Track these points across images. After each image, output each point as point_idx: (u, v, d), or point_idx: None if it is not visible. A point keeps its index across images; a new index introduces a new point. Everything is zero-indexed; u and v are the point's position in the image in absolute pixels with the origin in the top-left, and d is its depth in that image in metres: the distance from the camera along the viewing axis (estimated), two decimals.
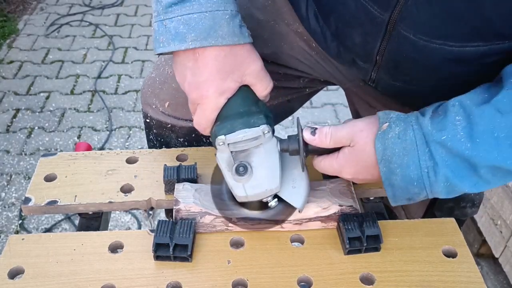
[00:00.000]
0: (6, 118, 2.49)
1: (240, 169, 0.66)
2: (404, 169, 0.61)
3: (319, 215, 0.73)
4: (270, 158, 0.67)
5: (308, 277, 0.67)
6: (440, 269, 0.68)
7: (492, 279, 1.74)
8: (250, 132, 0.66)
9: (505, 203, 1.57)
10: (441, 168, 0.59)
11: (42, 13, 3.44)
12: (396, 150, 0.61)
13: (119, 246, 0.71)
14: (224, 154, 0.68)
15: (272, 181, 0.67)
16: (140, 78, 2.83)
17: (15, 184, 2.12)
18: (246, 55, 0.68)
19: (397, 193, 0.64)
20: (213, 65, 0.65)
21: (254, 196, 0.68)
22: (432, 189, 0.61)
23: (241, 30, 0.67)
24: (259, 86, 0.69)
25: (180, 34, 0.64)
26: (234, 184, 0.67)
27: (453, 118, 0.59)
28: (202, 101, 0.67)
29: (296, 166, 0.71)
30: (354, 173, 0.67)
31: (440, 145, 0.59)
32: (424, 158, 0.60)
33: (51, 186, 0.80)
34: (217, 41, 0.64)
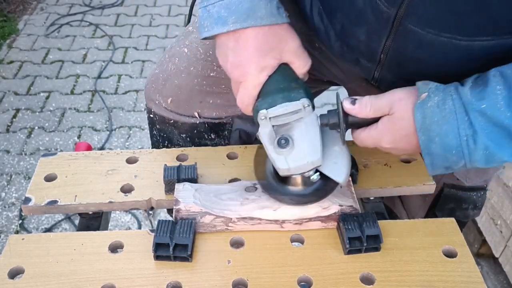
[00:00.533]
0: (6, 118, 2.49)
1: (282, 142, 0.67)
2: (443, 138, 0.62)
3: (319, 215, 0.73)
4: (311, 132, 0.68)
5: (308, 277, 0.67)
6: (440, 269, 0.68)
7: (492, 279, 1.74)
8: (290, 106, 0.68)
9: (505, 203, 1.57)
10: (481, 137, 0.60)
11: (42, 13, 3.44)
12: (435, 119, 0.62)
13: (119, 246, 0.71)
14: (266, 129, 0.69)
15: (313, 154, 0.68)
16: (140, 78, 2.83)
17: (15, 184, 2.12)
18: (284, 33, 0.71)
19: (435, 161, 0.65)
20: (253, 44, 0.68)
21: (296, 168, 0.68)
22: (471, 157, 0.62)
23: (279, 11, 0.70)
24: (297, 63, 0.71)
25: (222, 18, 0.68)
26: (276, 158, 0.68)
27: (494, 87, 0.60)
28: (244, 78, 0.70)
29: (337, 143, 0.72)
30: (393, 141, 0.68)
31: (479, 114, 0.60)
32: (463, 126, 0.61)
33: (51, 186, 0.80)
34: (256, 22, 0.68)
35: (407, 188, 0.82)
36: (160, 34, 3.24)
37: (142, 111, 2.57)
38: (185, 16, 3.46)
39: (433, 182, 0.82)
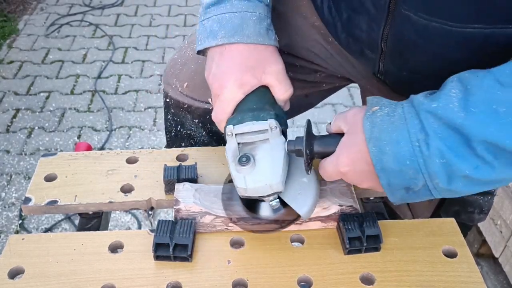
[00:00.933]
0: (6, 118, 2.49)
1: (243, 159, 0.66)
2: (394, 146, 0.57)
3: (319, 215, 0.73)
4: (275, 154, 0.67)
5: (308, 277, 0.67)
6: (440, 269, 0.68)
7: (492, 279, 1.74)
8: (257, 125, 0.67)
9: (505, 203, 1.57)
10: (433, 140, 0.55)
11: (42, 13, 3.43)
12: (384, 126, 0.59)
13: (119, 246, 0.71)
14: (232, 145, 0.69)
15: (273, 176, 0.65)
16: (140, 78, 2.83)
17: (15, 184, 2.12)
18: (269, 55, 0.72)
19: (391, 179, 0.60)
20: (236, 59, 0.70)
21: (253, 189, 0.66)
22: (428, 169, 0.56)
23: (268, 33, 0.72)
24: (278, 88, 0.71)
25: (213, 32, 0.71)
26: (236, 175, 0.67)
27: (449, 90, 0.56)
28: (222, 91, 0.70)
29: (306, 175, 0.70)
30: (350, 163, 0.63)
31: (430, 114, 0.56)
32: (414, 130, 0.56)
33: (51, 186, 0.80)
34: (242, 39, 0.70)
35: None
36: (160, 34, 3.24)
37: (142, 111, 2.57)
38: (185, 16, 3.47)
39: None
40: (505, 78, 0.53)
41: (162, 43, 3.15)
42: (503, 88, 0.53)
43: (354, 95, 2.69)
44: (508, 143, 0.52)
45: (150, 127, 2.47)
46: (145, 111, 2.57)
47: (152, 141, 2.39)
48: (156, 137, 2.41)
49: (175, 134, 1.02)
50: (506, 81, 0.53)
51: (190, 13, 3.49)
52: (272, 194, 0.66)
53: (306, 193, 0.69)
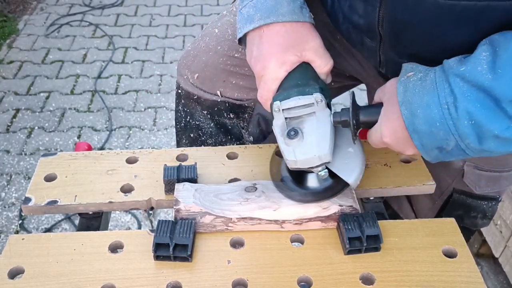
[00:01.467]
0: (6, 118, 2.49)
1: (291, 133, 0.68)
2: (424, 109, 0.60)
3: (319, 215, 0.73)
4: (321, 127, 0.69)
5: (308, 277, 0.67)
6: (440, 269, 0.68)
7: (492, 279, 1.74)
8: (303, 99, 0.69)
9: (505, 203, 1.57)
10: (461, 102, 0.57)
11: (42, 13, 3.44)
12: (416, 90, 0.61)
13: (119, 246, 0.71)
14: (279, 121, 0.71)
15: (321, 148, 0.68)
16: (140, 78, 2.83)
17: (15, 184, 2.12)
18: (306, 32, 0.73)
19: (424, 140, 0.62)
20: (275, 40, 0.71)
21: (303, 161, 0.68)
22: (458, 131, 0.58)
23: (302, 11, 0.73)
24: (318, 62, 0.73)
25: (250, 16, 0.73)
26: (285, 149, 0.69)
27: (479, 53, 0.58)
28: (265, 72, 0.71)
29: (352, 145, 0.72)
30: (392, 132, 0.65)
31: (459, 78, 0.57)
32: (443, 94, 0.58)
33: (51, 186, 0.80)
34: (278, 18, 0.71)
35: (407, 188, 0.82)
36: (160, 34, 3.24)
37: (142, 111, 2.57)
38: (185, 16, 3.47)
39: (433, 182, 0.82)
40: None
41: (162, 43, 3.15)
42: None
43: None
44: None
45: (150, 127, 2.47)
46: (145, 111, 2.57)
47: (152, 141, 2.39)
48: (156, 137, 2.41)
49: (185, 124, 1.04)
50: None
51: (190, 13, 3.49)
52: (321, 164, 0.69)
53: (352, 163, 0.72)
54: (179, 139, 1.09)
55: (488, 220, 0.98)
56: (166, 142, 2.38)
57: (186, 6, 3.60)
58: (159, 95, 2.69)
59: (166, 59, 2.99)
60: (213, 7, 3.58)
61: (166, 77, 2.83)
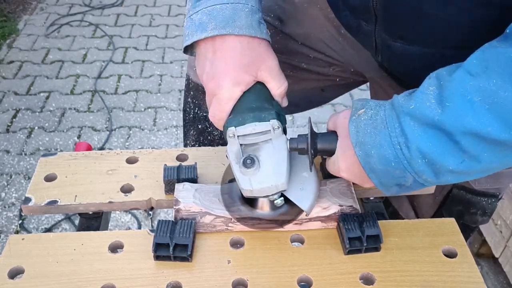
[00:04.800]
0: (6, 118, 2.49)
1: (248, 162, 0.66)
2: (378, 149, 0.59)
3: (319, 215, 0.73)
4: (278, 154, 0.67)
5: (308, 277, 0.67)
6: (440, 269, 0.68)
7: (492, 279, 1.74)
8: (259, 126, 0.67)
9: (505, 203, 1.57)
10: (413, 142, 0.56)
11: (42, 13, 3.43)
12: (368, 130, 0.60)
13: (119, 246, 0.71)
14: (234, 147, 0.69)
15: (278, 177, 0.66)
16: (140, 78, 2.83)
17: (15, 184, 2.12)
18: (262, 50, 0.70)
19: (382, 179, 0.62)
20: (230, 57, 0.68)
21: (259, 190, 0.67)
22: (413, 168, 0.58)
23: (260, 26, 0.70)
24: (273, 83, 0.70)
25: (203, 24, 0.68)
26: (240, 177, 0.67)
27: (426, 88, 0.57)
28: (218, 91, 0.69)
29: (306, 169, 0.71)
30: (348, 168, 0.65)
31: (409, 116, 0.57)
32: (394, 134, 0.58)
33: (51, 186, 0.80)
34: (234, 30, 0.67)
35: None
36: (160, 34, 3.24)
37: (142, 111, 2.57)
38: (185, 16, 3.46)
39: None
40: (473, 68, 0.54)
41: (162, 43, 3.15)
42: (473, 78, 0.53)
43: (354, 95, 2.68)
44: (490, 130, 0.52)
45: (150, 127, 2.47)
46: (145, 111, 2.57)
47: (152, 141, 2.39)
48: (156, 137, 2.41)
49: (193, 116, 1.04)
50: (475, 70, 0.53)
51: None
52: (277, 193, 0.68)
53: (307, 188, 0.70)
54: (186, 130, 1.08)
55: (488, 217, 0.99)
56: (166, 142, 2.38)
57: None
58: (159, 95, 2.69)
59: (166, 59, 3.00)
60: None
61: (166, 77, 2.83)
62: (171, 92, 2.70)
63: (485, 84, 0.52)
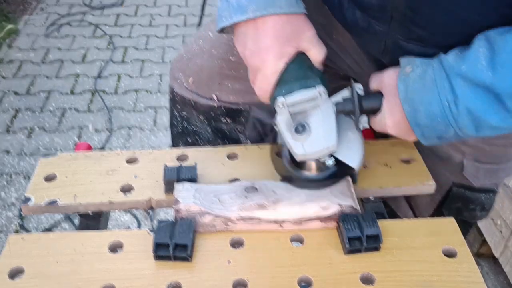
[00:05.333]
0: (6, 118, 2.49)
1: (299, 128, 0.70)
2: (426, 106, 0.63)
3: (319, 215, 0.73)
4: (326, 118, 0.71)
5: (308, 277, 0.67)
6: (440, 269, 0.68)
7: (492, 279, 1.74)
8: (307, 93, 0.70)
9: (505, 203, 1.57)
10: (462, 100, 0.60)
11: (42, 13, 3.43)
12: (416, 88, 0.64)
13: (119, 246, 0.71)
14: (284, 116, 0.71)
15: (329, 140, 0.70)
16: (140, 77, 2.83)
17: (15, 184, 2.12)
18: (301, 23, 0.72)
19: (425, 132, 0.66)
20: (272, 32, 0.70)
21: (312, 154, 0.70)
22: (457, 124, 0.62)
23: (297, 2, 0.73)
24: (313, 51, 0.73)
25: (242, 6, 0.70)
26: (293, 144, 0.70)
27: (476, 49, 0.59)
28: (263, 65, 0.71)
29: (351, 128, 0.75)
30: (395, 123, 0.69)
31: (460, 77, 0.60)
32: (444, 92, 0.61)
33: (51, 186, 0.80)
34: (276, 10, 0.70)
35: (407, 188, 0.82)
36: (160, 34, 3.24)
37: (142, 111, 2.57)
38: (185, 16, 3.47)
39: (432, 182, 0.82)
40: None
41: (162, 43, 3.15)
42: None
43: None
44: None
45: (150, 127, 2.47)
46: (145, 111, 2.57)
47: (152, 141, 2.39)
48: (156, 137, 2.41)
49: (181, 129, 1.03)
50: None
51: (190, 13, 3.49)
52: (328, 154, 0.72)
53: (354, 147, 0.74)
54: (175, 144, 1.07)
55: (486, 212, 0.99)
56: (166, 142, 2.38)
57: (186, 6, 3.60)
58: (159, 95, 2.69)
59: (166, 59, 2.99)
60: (213, 7, 3.58)
61: (166, 77, 2.81)
62: None
63: None
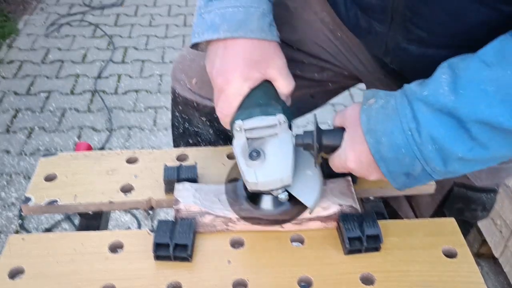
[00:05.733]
0: (6, 118, 2.48)
1: (254, 154, 0.67)
2: (389, 136, 0.60)
3: (319, 215, 0.73)
4: (284, 149, 0.68)
5: (308, 277, 0.67)
6: (440, 269, 0.68)
7: (492, 279, 1.74)
8: (266, 120, 0.68)
9: (505, 203, 1.57)
10: (424, 127, 0.57)
11: (42, 13, 3.43)
12: (379, 118, 0.61)
13: (119, 246, 0.71)
14: (240, 141, 0.69)
15: (283, 170, 0.67)
16: (140, 78, 2.82)
17: (15, 184, 2.12)
18: (272, 51, 0.72)
19: (391, 167, 0.62)
20: (240, 54, 0.70)
21: (264, 183, 0.67)
22: (422, 154, 0.59)
23: (270, 28, 0.72)
24: (281, 82, 0.72)
25: (215, 25, 0.70)
26: (246, 170, 0.68)
27: (439, 76, 0.58)
28: (227, 86, 0.70)
29: (311, 167, 0.72)
30: (356, 159, 0.65)
31: (422, 102, 0.58)
32: (405, 120, 0.59)
33: (51, 186, 0.80)
34: (246, 34, 0.70)
35: None
36: (160, 34, 3.24)
37: (142, 111, 2.57)
38: (185, 16, 3.47)
39: (432, 182, 0.82)
40: (489, 58, 0.54)
41: (162, 43, 3.15)
42: (488, 68, 0.54)
43: (354, 95, 2.69)
44: (501, 120, 0.53)
45: (150, 127, 2.46)
46: (145, 111, 2.57)
47: (152, 141, 2.39)
48: (156, 137, 2.41)
49: (183, 130, 1.03)
50: (491, 60, 0.54)
51: (190, 13, 3.49)
52: (281, 187, 0.68)
53: (312, 186, 0.71)
54: (176, 145, 1.07)
55: (487, 212, 0.99)
56: (166, 142, 2.38)
57: (186, 6, 3.60)
58: (159, 95, 2.69)
59: (166, 59, 2.99)
60: None
61: (166, 77, 2.83)
62: None
63: (500, 74, 0.53)
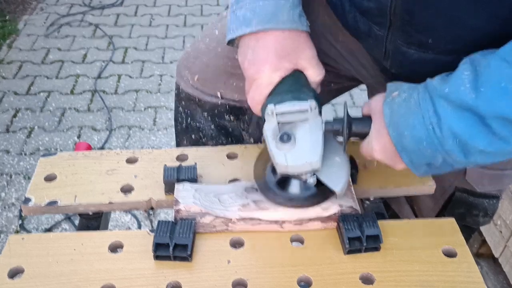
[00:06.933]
0: (6, 118, 2.48)
1: (284, 137, 0.68)
2: (411, 130, 0.62)
3: (319, 215, 0.73)
4: (314, 134, 0.69)
5: (308, 277, 0.67)
6: (440, 269, 0.68)
7: (492, 279, 1.74)
8: (298, 105, 0.70)
9: (505, 203, 1.57)
10: (445, 122, 0.59)
11: (42, 13, 3.43)
12: (401, 112, 0.63)
13: (119, 246, 0.71)
14: (271, 124, 0.70)
15: (312, 155, 0.68)
16: (140, 78, 2.83)
17: (15, 184, 2.12)
18: (302, 41, 0.73)
19: (413, 158, 0.65)
20: (272, 46, 0.71)
21: (294, 166, 0.68)
22: (444, 147, 0.61)
23: (300, 19, 0.73)
24: (311, 71, 0.73)
25: (247, 20, 0.72)
26: (276, 153, 0.69)
27: (461, 72, 0.59)
28: (258, 76, 0.72)
29: (339, 154, 0.73)
30: (381, 149, 0.68)
31: (443, 99, 0.60)
32: (427, 115, 0.61)
33: (51, 186, 0.80)
34: (278, 25, 0.71)
35: (407, 188, 0.82)
36: (160, 34, 3.24)
37: (142, 111, 2.57)
38: (185, 16, 3.47)
39: (433, 183, 0.82)
40: (510, 56, 0.55)
41: (162, 43, 3.15)
42: (509, 66, 0.55)
43: (354, 95, 2.69)
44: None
45: (150, 127, 2.47)
46: (145, 111, 2.57)
47: (152, 141, 2.39)
48: (156, 137, 2.41)
49: (186, 126, 1.04)
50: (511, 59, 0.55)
51: (190, 13, 3.49)
52: (311, 171, 0.69)
53: (340, 172, 0.72)
54: (179, 141, 1.08)
55: (489, 218, 0.99)
56: (166, 142, 2.38)
57: (186, 6, 3.60)
58: (159, 95, 2.69)
59: (166, 59, 3.00)
60: (213, 7, 3.58)
61: (166, 77, 2.83)
62: (171, 92, 2.70)
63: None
